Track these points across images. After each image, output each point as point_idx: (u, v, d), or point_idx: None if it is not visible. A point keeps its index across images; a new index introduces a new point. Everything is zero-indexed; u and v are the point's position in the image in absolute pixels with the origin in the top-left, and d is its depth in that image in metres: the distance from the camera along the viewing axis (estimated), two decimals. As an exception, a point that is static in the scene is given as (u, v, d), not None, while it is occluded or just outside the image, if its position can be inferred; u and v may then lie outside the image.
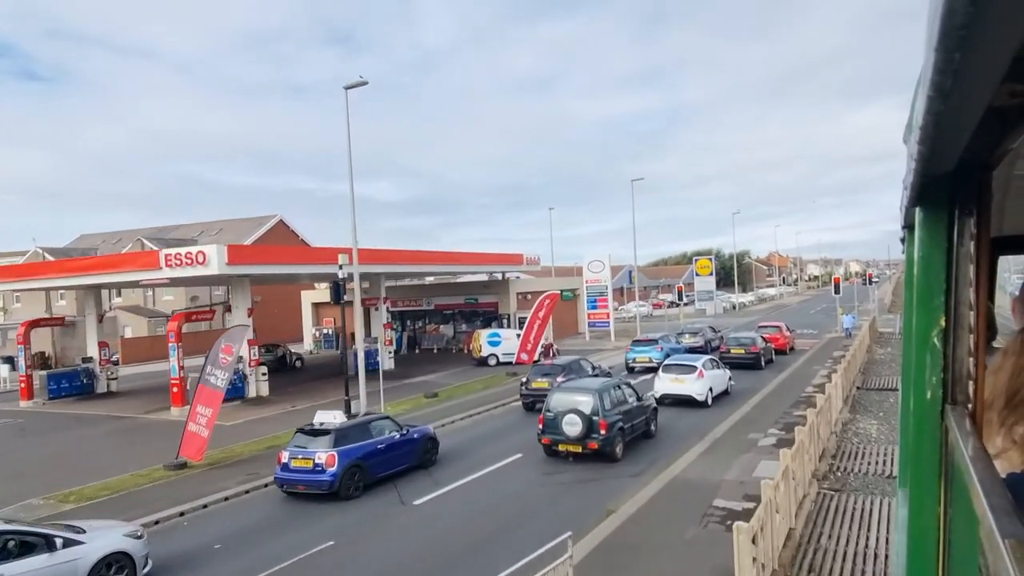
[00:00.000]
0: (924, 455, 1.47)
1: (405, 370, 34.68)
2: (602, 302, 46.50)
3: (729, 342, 30.99)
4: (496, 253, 40.67)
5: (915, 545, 1.52)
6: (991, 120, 0.95)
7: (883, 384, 25.74)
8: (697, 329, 38.05)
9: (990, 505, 0.88)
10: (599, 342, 45.83)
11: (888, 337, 41.85)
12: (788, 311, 70.74)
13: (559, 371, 22.52)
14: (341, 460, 13.98)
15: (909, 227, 1.71)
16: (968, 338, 1.36)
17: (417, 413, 23.64)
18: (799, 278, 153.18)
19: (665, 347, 30.77)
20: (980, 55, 0.68)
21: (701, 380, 21.93)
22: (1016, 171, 1.59)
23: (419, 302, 46.86)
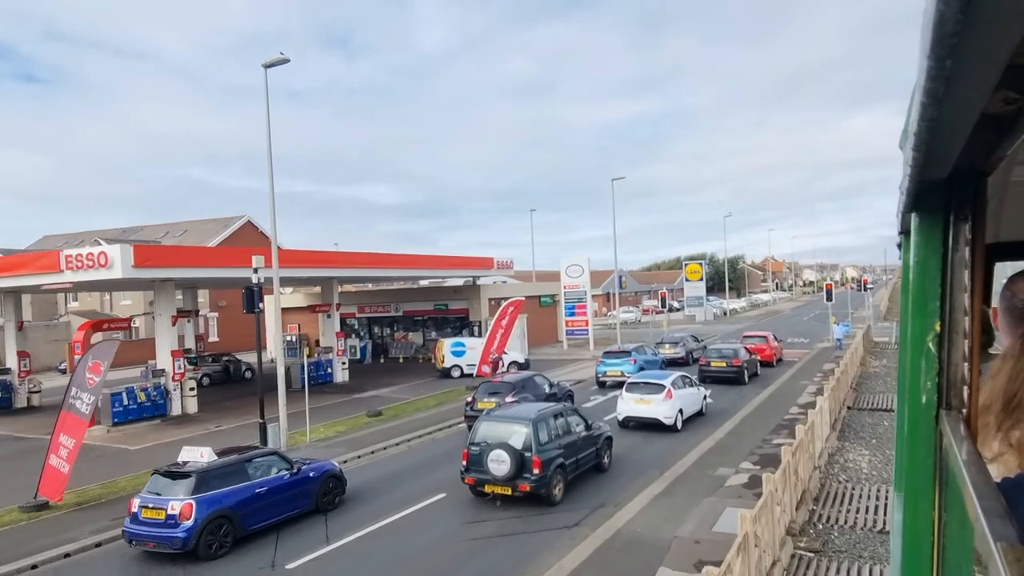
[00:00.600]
0: (919, 460, 1.49)
1: (360, 382, 31.94)
2: (581, 309, 43.80)
3: (709, 354, 28.29)
4: (463, 256, 38.00)
5: (910, 549, 1.53)
6: (985, 127, 0.96)
7: (877, 403, 23.04)
8: (678, 339, 35.35)
9: (983, 509, 0.89)
10: (577, 351, 43.12)
11: (883, 347, 39.17)
12: (780, 318, 68.12)
13: (508, 389, 19.79)
14: (201, 510, 11.23)
15: (905, 232, 1.77)
16: (963, 343, 1.37)
17: (350, 436, 20.89)
18: (794, 284, 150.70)
19: (639, 359, 28.06)
20: (972, 62, 0.70)
21: (669, 401, 19.21)
22: (1012, 178, 1.66)
23: (387, 308, 44.13)
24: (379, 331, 45.44)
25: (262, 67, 19.29)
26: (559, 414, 14.29)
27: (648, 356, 29.20)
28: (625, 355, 28.06)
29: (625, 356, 28.00)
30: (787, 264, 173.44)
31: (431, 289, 44.85)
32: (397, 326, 44.66)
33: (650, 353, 29.91)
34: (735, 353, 27.73)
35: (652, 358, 29.47)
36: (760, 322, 65.28)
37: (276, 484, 12.60)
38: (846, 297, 57.68)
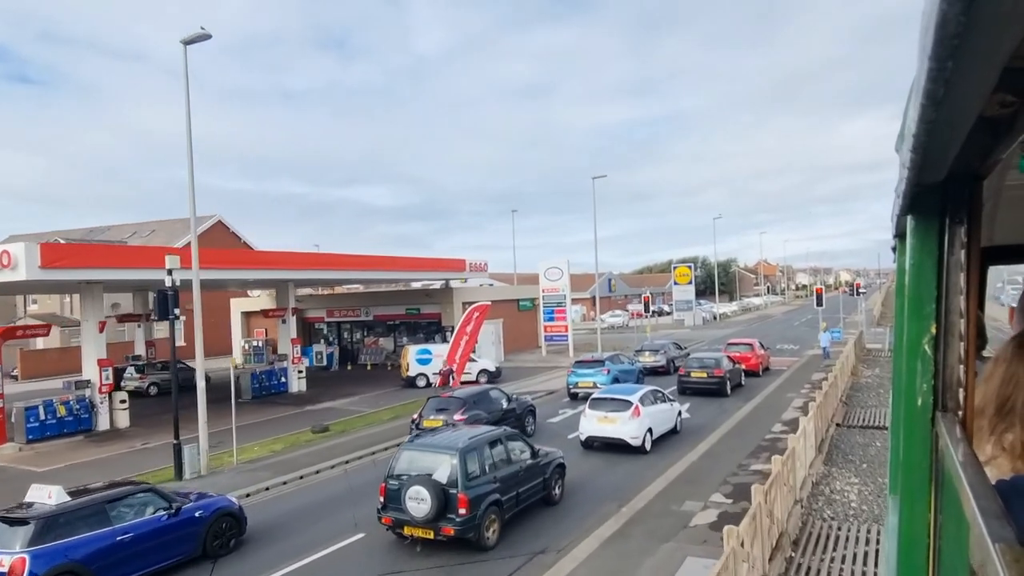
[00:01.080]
0: (915, 462, 1.48)
1: (318, 392, 29.81)
2: (560, 313, 41.77)
3: (689, 364, 26.27)
4: (433, 258, 35.93)
5: (905, 551, 1.53)
6: (982, 130, 0.96)
7: (869, 419, 21.05)
8: (659, 346, 33.33)
9: (981, 510, 0.89)
10: (556, 358, 41.07)
11: (876, 355, 37.23)
12: (771, 323, 66.26)
13: (458, 406, 17.71)
14: (38, 565, 9.13)
15: (900, 236, 1.78)
16: (959, 346, 1.38)
17: (285, 456, 18.79)
18: (787, 287, 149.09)
19: (614, 370, 26.02)
20: (972, 64, 0.70)
21: (636, 420, 17.16)
22: (1006, 181, 1.68)
23: (357, 312, 42.01)
24: (349, 336, 43.31)
25: (181, 44, 17.22)
26: (496, 441, 12.21)
27: (624, 366, 27.15)
28: (598, 364, 26.01)
29: (598, 366, 25.95)
30: (780, 267, 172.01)
31: (402, 292, 42.77)
32: (367, 331, 42.54)
33: (626, 362, 27.86)
34: (716, 363, 25.71)
35: (628, 368, 27.42)
36: (750, 327, 63.40)
37: (148, 528, 10.50)
38: (838, 302, 55.84)
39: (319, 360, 39.60)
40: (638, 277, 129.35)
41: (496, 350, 39.75)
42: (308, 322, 44.16)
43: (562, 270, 41.64)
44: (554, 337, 42.12)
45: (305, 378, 30.62)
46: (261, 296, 45.28)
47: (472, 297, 40.96)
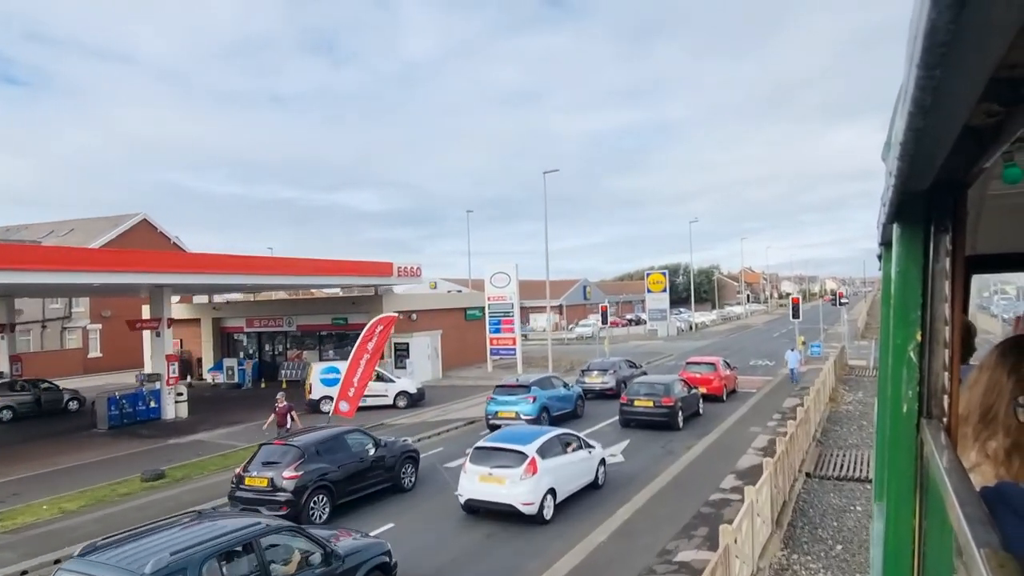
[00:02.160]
0: (900, 468, 1.49)
1: (198, 420, 25.00)
2: (507, 324, 37.19)
3: (633, 390, 21.74)
4: (355, 261, 31.22)
5: (891, 557, 1.52)
6: (967, 139, 0.97)
7: (848, 466, 16.57)
8: (609, 364, 28.78)
9: (965, 516, 0.90)
10: (503, 374, 36.45)
11: (860, 375, 32.88)
12: (749, 334, 62.03)
13: (293, 458, 13.04)
14: None
15: (886, 244, 1.80)
16: (943, 353, 1.38)
17: (71, 522, 14.05)
18: (770, 295, 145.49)
19: (542, 396, 21.45)
20: (960, 73, 0.70)
21: (531, 478, 12.59)
22: (989, 191, 1.75)
23: (279, 321, 37.25)
24: (271, 348, 38.52)
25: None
26: (232, 551, 7.52)
27: (556, 391, 22.56)
28: (522, 390, 21.40)
29: (523, 392, 21.34)
30: (765, 275, 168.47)
31: (328, 300, 38.12)
32: (291, 343, 37.77)
33: (560, 385, 23.26)
34: (666, 389, 21.17)
35: (563, 394, 22.84)
36: (727, 338, 59.15)
37: None
38: (818, 313, 51.70)
39: (228, 375, 34.78)
40: (618, 284, 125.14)
41: (433, 365, 35.12)
42: (227, 332, 39.37)
43: (510, 276, 37.09)
44: (501, 350, 37.52)
45: (186, 401, 25.79)
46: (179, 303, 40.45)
47: (407, 305, 36.32)
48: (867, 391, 28.11)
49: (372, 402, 26.75)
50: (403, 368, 33.21)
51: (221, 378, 35.37)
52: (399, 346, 33.73)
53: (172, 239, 51.63)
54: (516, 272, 37.12)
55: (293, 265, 28.46)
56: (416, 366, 33.53)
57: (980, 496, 1.01)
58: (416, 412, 26.23)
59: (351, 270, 30.81)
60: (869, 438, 19.79)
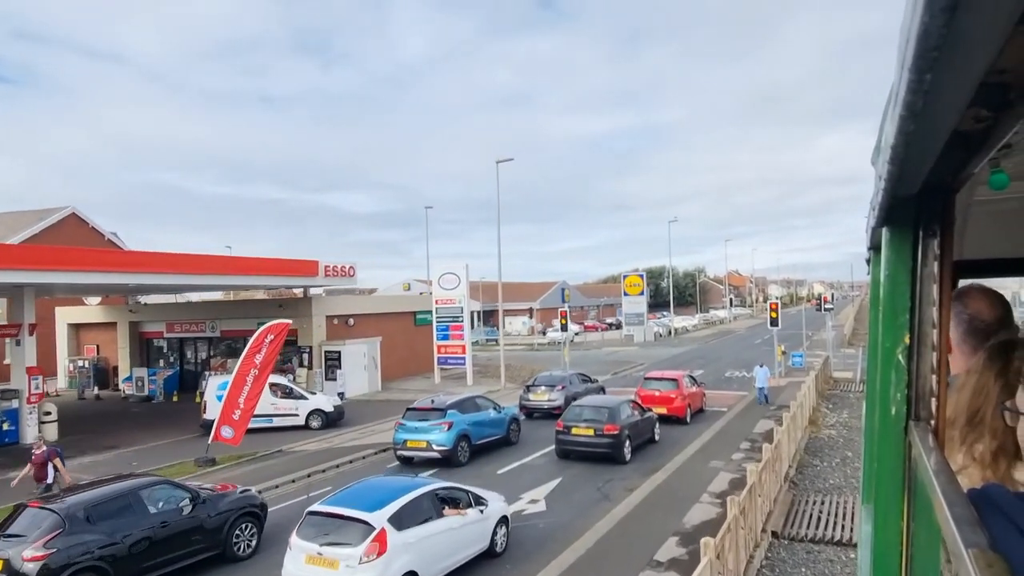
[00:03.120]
0: (888, 470, 1.49)
1: (69, 443, 21.11)
2: (456, 330, 33.47)
3: (571, 416, 18.10)
4: (272, 259, 27.43)
5: (879, 559, 1.53)
6: (956, 144, 0.97)
7: (826, 521, 12.94)
8: (558, 379, 25.11)
9: (953, 516, 0.90)
10: (452, 385, 32.74)
11: (845, 390, 29.42)
12: (729, 340, 58.59)
13: (48, 529, 9.27)
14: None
15: (875, 248, 1.84)
16: (931, 356, 1.39)
17: None
18: (756, 299, 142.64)
19: (461, 422, 17.75)
20: (950, 78, 0.71)
21: (376, 561, 8.87)
22: (976, 197, 1.74)
23: (201, 326, 33.37)
24: (193, 356, 34.62)
25: None
26: None
27: (481, 415, 18.87)
28: (436, 414, 17.69)
29: (436, 416, 17.63)
30: (751, 278, 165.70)
31: (252, 303, 34.32)
32: (215, 350, 33.89)
33: (489, 408, 19.58)
34: (610, 414, 17.53)
35: (490, 417, 19.17)
36: (706, 344, 55.71)
37: None
38: (801, 318, 48.32)
39: (138, 387, 30.90)
40: (600, 287, 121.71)
41: (370, 376, 31.36)
42: (147, 338, 35.45)
43: (459, 277, 33.38)
44: (449, 359, 33.79)
45: (55, 422, 21.91)
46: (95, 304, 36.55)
47: (343, 308, 32.58)
48: (853, 410, 24.62)
49: (280, 423, 23.06)
50: (333, 380, 29.47)
51: (128, 391, 31.52)
52: (330, 355, 29.96)
53: (107, 235, 47.51)
54: (467, 273, 33.41)
55: (199, 263, 24.64)
56: (349, 378, 29.78)
57: (967, 498, 1.01)
58: (330, 434, 22.50)
59: (270, 269, 27.00)
60: (855, 475, 16.29)
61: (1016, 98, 0.83)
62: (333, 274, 28.54)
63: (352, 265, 29.59)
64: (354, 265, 29.65)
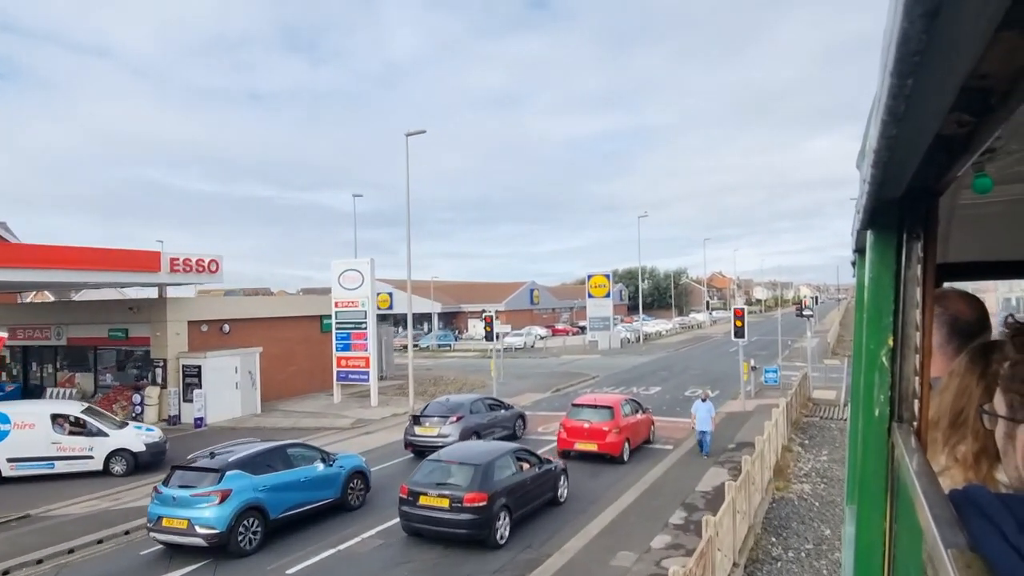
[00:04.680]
0: (871, 472, 1.50)
1: None
2: (359, 339, 27.58)
3: (419, 478, 12.28)
4: (98, 249, 21.40)
5: (862, 560, 1.54)
6: (939, 148, 0.98)
7: None
8: (456, 405, 19.32)
9: (934, 517, 0.91)
10: (350, 404, 26.90)
11: (827, 414, 23.79)
12: (703, 347, 52.94)
13: None
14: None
15: (860, 251, 1.82)
16: (914, 358, 1.40)
17: None
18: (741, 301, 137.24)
19: (243, 488, 11.78)
20: (931, 82, 0.72)
21: None
22: (959, 200, 1.75)
23: (47, 333, 27.31)
24: (38, 368, 28.51)
25: None
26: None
27: (300, 472, 12.95)
28: (211, 477, 11.72)
29: (210, 480, 11.67)
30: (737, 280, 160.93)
31: (102, 305, 28.23)
32: (63, 361, 27.81)
33: (316, 459, 13.69)
34: (476, 475, 11.74)
35: (317, 474, 13.30)
36: (676, 352, 50.08)
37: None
38: (776, 324, 42.81)
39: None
40: (576, 288, 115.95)
41: (245, 396, 25.41)
42: (-11, 346, 29.26)
43: (363, 275, 27.49)
44: (351, 374, 27.86)
45: None
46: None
47: (215, 312, 26.60)
48: (835, 449, 19.00)
49: (66, 468, 17.09)
50: (190, 402, 23.54)
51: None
52: (188, 370, 24.00)
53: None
54: (372, 270, 27.51)
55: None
56: (213, 398, 23.84)
57: (948, 498, 1.02)
58: (131, 484, 16.58)
59: (94, 262, 20.98)
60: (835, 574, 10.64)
61: (997, 103, 0.83)
62: (184, 269, 22.59)
63: (215, 258, 23.62)
64: (217, 259, 23.69)
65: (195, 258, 22.97)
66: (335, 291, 28.06)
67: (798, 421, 22.10)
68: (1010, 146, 1.19)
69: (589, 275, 57.72)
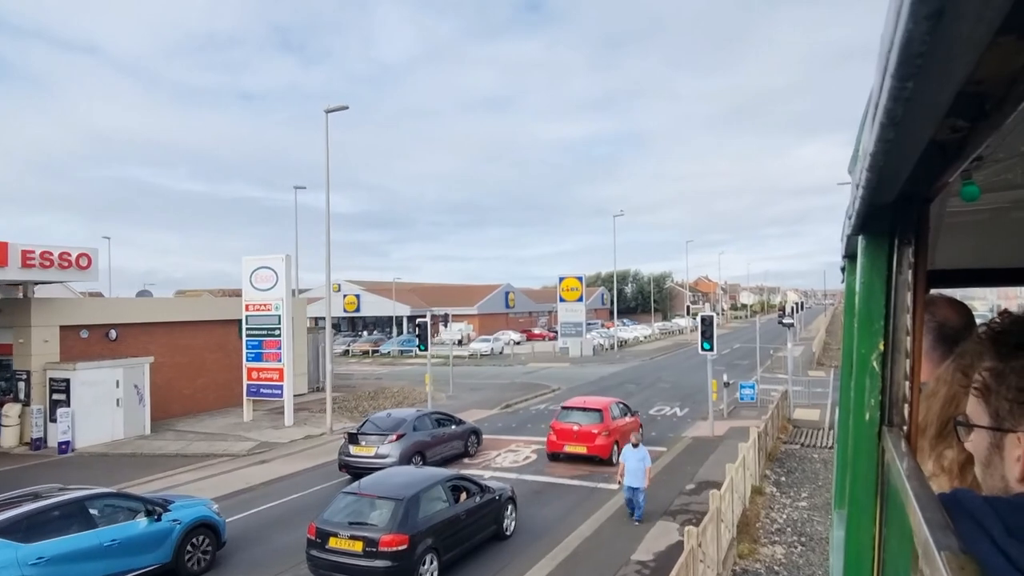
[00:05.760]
0: (861, 475, 1.50)
1: None
2: (271, 347, 23.84)
3: (332, 515, 9.57)
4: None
5: (851, 564, 1.54)
6: (932, 153, 0.98)
7: None
8: (396, 423, 16.28)
9: (926, 520, 0.90)
10: (261, 425, 23.16)
11: (809, 442, 20.27)
12: (680, 355, 49.45)
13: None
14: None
15: (851, 256, 1.85)
16: (905, 362, 1.39)
17: None
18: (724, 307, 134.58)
19: (7, 559, 8.18)
20: (931, 86, 0.72)
21: None
22: (948, 208, 1.78)
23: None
24: None
25: None
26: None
27: (97, 535, 9.22)
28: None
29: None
30: (723, 285, 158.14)
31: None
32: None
33: (139, 513, 10.00)
34: (396, 513, 8.85)
35: (126, 534, 9.64)
36: (651, 361, 46.65)
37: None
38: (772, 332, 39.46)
39: None
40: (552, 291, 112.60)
41: (129, 415, 21.58)
42: None
43: (277, 273, 23.76)
44: (262, 388, 24.09)
45: None
46: None
47: (98, 315, 22.81)
48: (817, 489, 15.49)
49: None
50: (55, 423, 19.74)
51: None
52: (56, 385, 20.20)
53: None
54: (287, 268, 23.78)
55: None
56: (85, 418, 20.04)
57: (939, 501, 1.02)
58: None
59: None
60: None
61: (992, 109, 0.83)
62: (43, 264, 18.77)
63: (85, 252, 19.83)
64: (89, 252, 19.91)
65: (58, 251, 19.17)
66: (246, 292, 24.31)
67: (774, 451, 18.58)
68: (997, 154, 1.24)
69: (561, 277, 54.15)
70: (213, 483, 16.76)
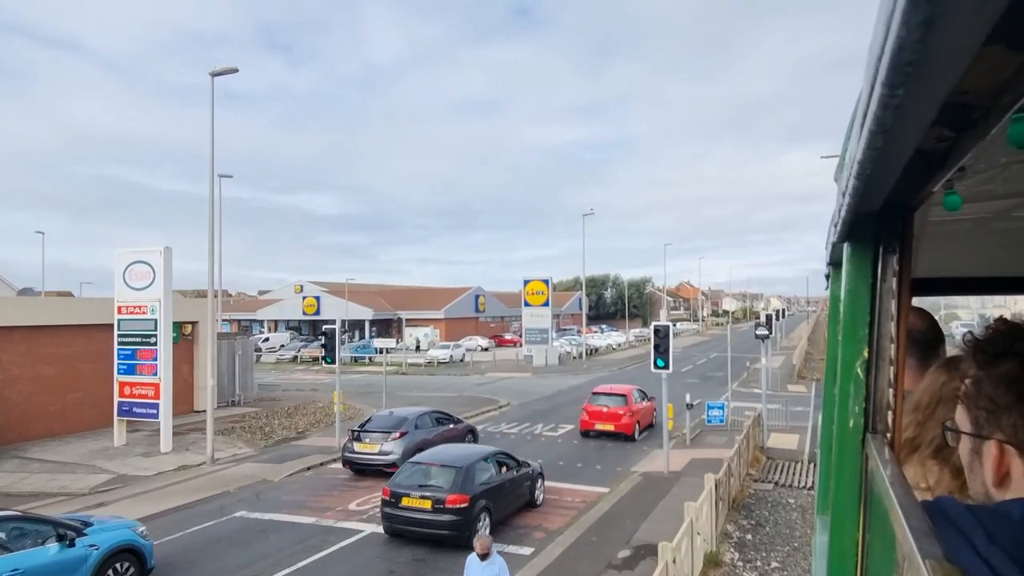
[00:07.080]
0: (845, 482, 1.48)
1: None
2: (146, 356, 19.86)
3: (403, 479, 11.48)
4: None
5: (834, 569, 1.53)
6: (917, 162, 0.99)
7: None
8: (398, 422, 15.37)
9: (910, 527, 0.90)
10: (128, 454, 19.17)
11: (785, 480, 16.58)
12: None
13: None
14: None
15: (836, 264, 1.92)
16: (889, 369, 1.39)
17: None
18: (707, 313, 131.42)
19: None
20: (920, 95, 0.73)
21: None
22: (930, 217, 1.82)
23: None
24: None
25: None
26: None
27: None
28: None
29: None
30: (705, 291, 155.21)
31: None
32: None
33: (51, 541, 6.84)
34: (456, 480, 10.45)
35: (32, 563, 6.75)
36: (621, 371, 43.04)
37: None
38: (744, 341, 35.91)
39: None
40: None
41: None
42: None
43: (155, 269, 19.80)
44: (136, 407, 20.06)
45: None
46: None
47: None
48: (793, 554, 11.83)
49: None
50: None
51: None
52: None
53: None
54: (165, 263, 19.80)
55: None
56: None
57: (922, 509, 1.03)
58: None
59: None
60: None
61: (978, 119, 0.84)
62: None
63: None
64: None
65: None
66: (118, 290, 20.31)
67: (740, 496, 14.89)
68: (978, 165, 1.25)
69: (526, 280, 50.35)
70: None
